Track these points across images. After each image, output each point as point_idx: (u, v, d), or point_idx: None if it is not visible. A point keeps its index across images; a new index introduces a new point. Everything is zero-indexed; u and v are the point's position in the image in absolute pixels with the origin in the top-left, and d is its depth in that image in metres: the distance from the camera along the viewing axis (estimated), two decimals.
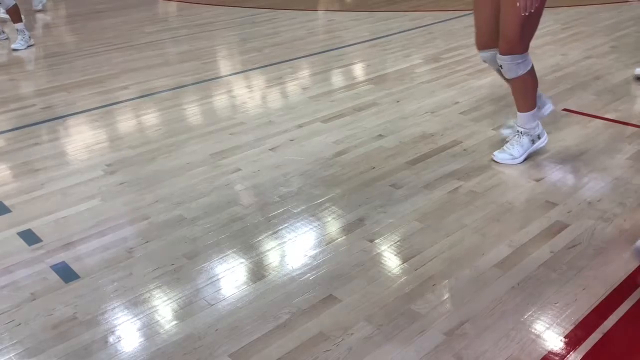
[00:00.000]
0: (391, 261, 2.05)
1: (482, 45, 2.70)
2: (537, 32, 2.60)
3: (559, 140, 2.95)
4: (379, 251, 2.11)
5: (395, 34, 5.42)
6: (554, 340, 1.67)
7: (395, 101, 3.61)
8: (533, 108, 2.70)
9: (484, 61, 2.76)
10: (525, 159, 2.72)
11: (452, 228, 2.22)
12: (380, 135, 3.10)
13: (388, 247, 2.13)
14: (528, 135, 2.72)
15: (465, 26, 5.49)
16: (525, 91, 2.66)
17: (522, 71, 2.58)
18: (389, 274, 1.98)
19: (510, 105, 3.46)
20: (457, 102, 3.54)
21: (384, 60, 4.58)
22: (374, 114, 3.42)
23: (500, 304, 1.82)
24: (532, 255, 2.05)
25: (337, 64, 4.55)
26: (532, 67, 2.62)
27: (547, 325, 1.72)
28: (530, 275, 1.94)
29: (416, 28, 5.60)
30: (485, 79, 3.95)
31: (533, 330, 1.71)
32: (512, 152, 2.71)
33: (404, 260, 2.05)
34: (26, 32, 5.42)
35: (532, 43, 2.59)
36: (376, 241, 2.17)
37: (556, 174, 2.62)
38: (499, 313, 1.78)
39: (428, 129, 3.15)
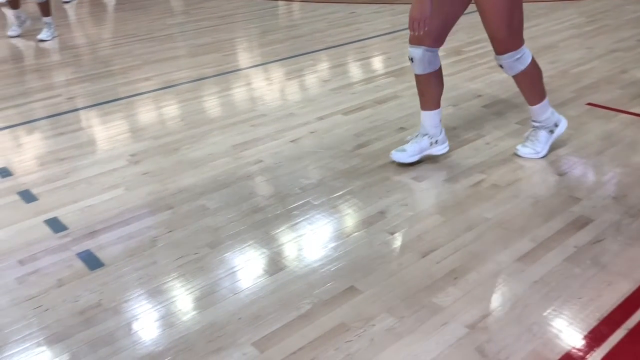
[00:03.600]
0: (412, 254, 2.05)
1: (415, 40, 2.48)
2: (560, 26, 2.56)
3: (583, 134, 2.91)
4: (400, 244, 2.11)
5: None
6: (577, 336, 1.66)
7: (416, 94, 3.58)
8: (542, 99, 2.62)
9: (410, 58, 2.52)
10: (550, 151, 2.69)
11: (474, 222, 2.21)
12: (401, 128, 3.09)
13: (409, 239, 2.13)
14: (544, 128, 2.67)
15: None
16: (532, 84, 2.58)
17: (522, 66, 2.48)
18: (410, 266, 1.98)
19: None
20: (479, 96, 3.52)
21: (405, 53, 4.53)
22: (395, 106, 3.41)
23: (522, 298, 1.81)
24: (555, 249, 2.03)
25: (358, 56, 4.54)
26: (533, 59, 2.52)
27: (571, 321, 1.71)
28: (553, 270, 1.93)
29: None
30: None
31: (556, 325, 1.70)
32: (535, 147, 2.67)
33: (426, 253, 2.05)
34: (53, 25, 5.50)
35: (557, 36, 2.55)
36: (397, 234, 2.17)
37: (580, 169, 2.60)
38: (521, 307, 1.77)
39: (450, 122, 3.12)
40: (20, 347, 1.69)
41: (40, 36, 5.42)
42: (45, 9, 5.39)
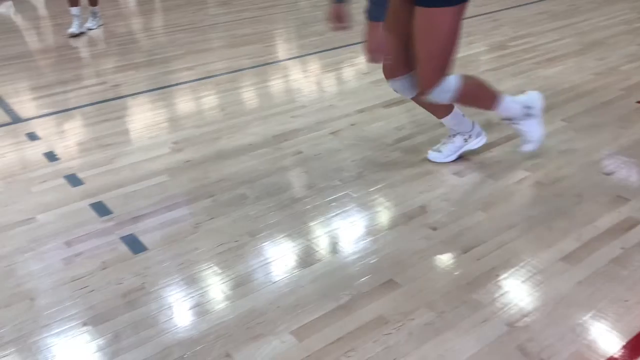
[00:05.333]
0: (453, 249, 2.03)
1: (388, 74, 2.42)
2: (610, 21, 2.48)
3: (632, 134, 2.83)
4: (440, 239, 2.09)
5: None
6: (622, 340, 1.62)
7: None
8: (495, 103, 2.40)
9: (395, 91, 2.47)
10: (597, 150, 2.61)
11: (517, 219, 2.18)
12: (442, 122, 3.05)
13: (450, 235, 2.11)
14: (519, 119, 2.48)
15: (534, 13, 5.32)
16: (476, 97, 2.39)
17: (449, 94, 2.28)
18: (451, 262, 1.96)
19: (582, 96, 3.34)
20: (523, 91, 3.43)
21: None
22: None
23: (566, 298, 1.77)
24: (601, 250, 1.98)
25: None
26: (461, 78, 2.29)
27: (615, 324, 1.67)
28: (599, 271, 1.88)
29: (482, 14, 5.45)
30: (554, 68, 3.82)
31: (600, 328, 1.66)
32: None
33: (467, 249, 2.02)
34: (99, 14, 5.62)
35: (606, 32, 2.48)
36: (438, 229, 2.15)
37: (629, 169, 2.52)
38: (565, 307, 1.73)
39: (493, 117, 3.07)
40: (66, 326, 1.74)
41: (87, 25, 5.55)
42: None
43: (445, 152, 2.61)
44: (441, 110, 2.52)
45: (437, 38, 2.16)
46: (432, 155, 2.62)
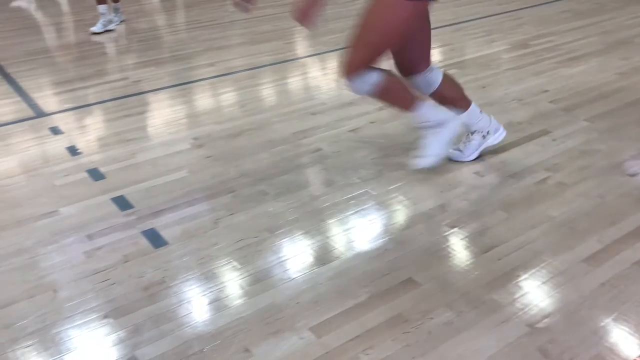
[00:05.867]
0: (473, 249, 2.01)
1: (404, 72, 2.42)
2: (635, 20, 2.44)
3: None
4: (460, 238, 2.08)
5: (481, 18, 5.26)
6: None
7: (480, 87, 3.52)
8: (413, 106, 2.34)
9: (417, 89, 2.44)
10: (619, 152, 2.58)
11: (539, 219, 2.15)
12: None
13: (470, 234, 2.09)
14: (431, 127, 2.41)
15: (557, 12, 5.25)
16: (394, 96, 2.33)
17: (368, 86, 2.23)
18: (471, 261, 1.95)
19: (605, 96, 3.30)
20: (546, 91, 3.41)
21: (469, 45, 4.46)
22: None
23: (588, 300, 1.75)
24: (625, 252, 1.95)
25: None
26: (383, 73, 2.24)
27: (639, 327, 1.64)
28: (622, 274, 1.85)
29: (503, 13, 5.40)
30: (578, 67, 3.77)
31: (623, 331, 1.63)
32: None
33: (487, 249, 2.01)
34: (121, 10, 5.68)
35: (632, 31, 2.45)
36: (458, 228, 2.13)
37: None
38: (587, 309, 1.71)
39: (515, 116, 3.05)
40: (88, 318, 1.76)
41: (110, 26, 5.59)
42: None
43: (466, 150, 2.59)
44: (458, 107, 2.50)
45: (381, 28, 2.12)
46: (453, 154, 2.61)
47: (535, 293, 1.79)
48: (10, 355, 1.64)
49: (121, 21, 5.71)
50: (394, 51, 2.35)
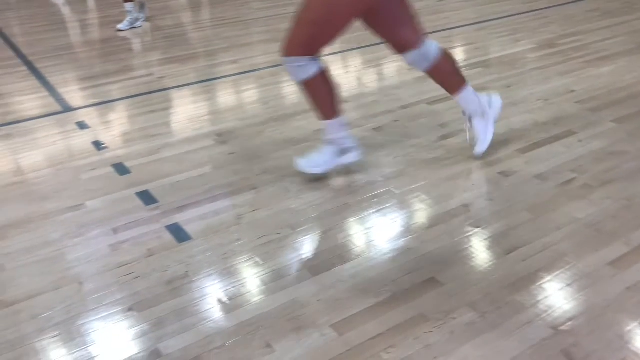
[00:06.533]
0: (497, 250, 2.00)
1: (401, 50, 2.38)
2: None
3: None
4: (484, 238, 2.06)
5: (506, 17, 5.20)
6: None
7: (505, 86, 3.48)
8: (332, 117, 2.38)
9: (410, 65, 2.45)
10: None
11: (564, 221, 2.13)
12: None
13: (494, 235, 2.08)
14: (333, 144, 2.45)
15: (585, 11, 5.17)
16: (316, 98, 2.33)
17: (303, 75, 2.24)
18: (494, 262, 1.93)
19: (634, 97, 3.24)
20: (572, 91, 3.36)
21: (493, 44, 4.42)
22: None
23: (614, 303, 1.72)
24: None
25: (444, 45, 4.41)
26: (319, 66, 2.26)
27: None
28: None
29: (529, 12, 5.34)
30: (606, 67, 3.71)
31: None
32: (316, 158, 2.47)
33: (511, 250, 1.99)
34: (146, 7, 5.74)
35: None
36: (482, 228, 2.12)
37: None
38: (612, 313, 1.69)
39: (540, 117, 3.01)
40: (112, 310, 1.79)
41: (137, 24, 5.65)
42: None
43: (480, 137, 2.56)
44: (453, 88, 2.49)
45: (327, 13, 2.11)
46: (476, 149, 2.58)
47: (559, 295, 1.77)
48: (37, 345, 1.67)
49: (146, 17, 5.77)
50: (380, 34, 2.33)
